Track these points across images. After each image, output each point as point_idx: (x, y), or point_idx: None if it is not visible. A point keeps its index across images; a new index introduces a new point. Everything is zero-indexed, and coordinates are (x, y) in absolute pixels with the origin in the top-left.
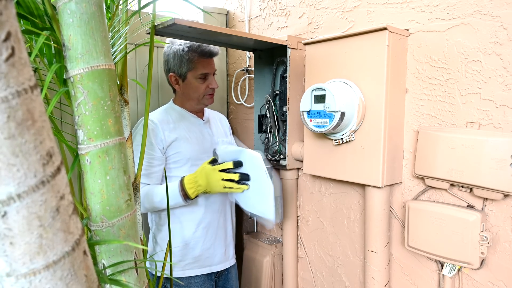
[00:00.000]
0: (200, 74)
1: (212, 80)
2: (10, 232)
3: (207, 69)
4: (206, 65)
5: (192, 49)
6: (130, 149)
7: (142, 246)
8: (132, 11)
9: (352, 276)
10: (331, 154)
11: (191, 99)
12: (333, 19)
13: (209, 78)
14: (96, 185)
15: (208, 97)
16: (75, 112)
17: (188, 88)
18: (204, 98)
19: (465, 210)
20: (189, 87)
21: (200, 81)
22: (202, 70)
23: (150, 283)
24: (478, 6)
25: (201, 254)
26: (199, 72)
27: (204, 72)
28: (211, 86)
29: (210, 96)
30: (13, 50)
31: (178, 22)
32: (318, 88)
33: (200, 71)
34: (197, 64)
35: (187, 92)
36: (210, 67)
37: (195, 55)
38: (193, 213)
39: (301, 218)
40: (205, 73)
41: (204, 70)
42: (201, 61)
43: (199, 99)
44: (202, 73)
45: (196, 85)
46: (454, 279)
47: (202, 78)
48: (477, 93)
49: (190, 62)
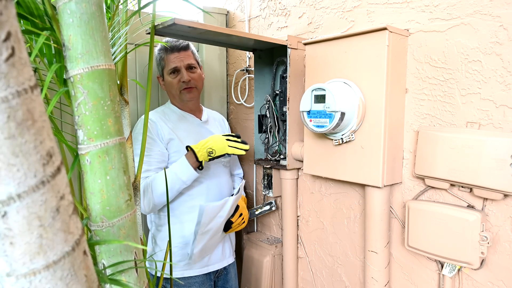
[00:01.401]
0: (169, 69)
1: (183, 73)
2: (10, 232)
3: (175, 63)
4: (174, 59)
5: (161, 48)
6: (130, 149)
7: (142, 246)
8: (132, 11)
9: (352, 276)
10: (331, 154)
11: (172, 96)
12: (333, 19)
13: (181, 72)
14: (96, 185)
15: (185, 91)
16: (75, 112)
17: (167, 86)
18: (182, 93)
19: (465, 210)
20: (167, 85)
21: (172, 76)
22: (171, 65)
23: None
24: (478, 6)
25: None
26: (168, 68)
27: (172, 67)
28: (182, 79)
29: (187, 91)
30: (13, 50)
31: (178, 22)
32: (318, 88)
33: (169, 67)
34: (166, 61)
35: (168, 90)
36: (178, 60)
37: (163, 52)
38: (193, 213)
39: (301, 218)
40: (173, 67)
41: (172, 65)
42: (169, 57)
43: (178, 95)
44: (170, 68)
45: (170, 81)
46: (454, 279)
47: (173, 73)
48: (477, 93)
49: (162, 60)
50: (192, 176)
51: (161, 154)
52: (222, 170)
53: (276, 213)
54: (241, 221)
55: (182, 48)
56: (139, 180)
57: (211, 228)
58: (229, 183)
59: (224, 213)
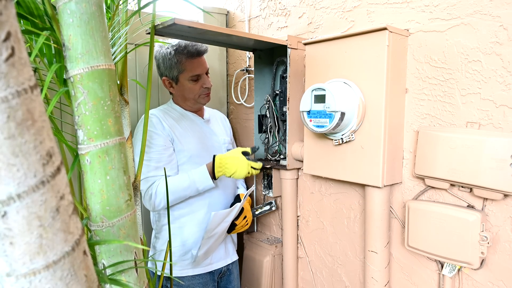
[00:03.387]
0: (191, 76)
1: (205, 79)
2: (10, 232)
3: (198, 70)
4: (196, 66)
5: (179, 51)
6: (130, 149)
7: (142, 246)
8: (132, 11)
9: (352, 276)
10: (331, 154)
11: (187, 99)
12: (333, 19)
13: (202, 78)
14: (96, 185)
15: (204, 96)
16: (75, 112)
17: (183, 90)
18: (200, 98)
19: (465, 210)
20: (183, 89)
21: (193, 83)
22: (193, 72)
23: (150, 283)
24: (478, 6)
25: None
26: (190, 74)
27: (196, 74)
28: (205, 85)
29: (206, 95)
30: (13, 50)
31: (178, 22)
32: (318, 88)
33: (191, 73)
34: (186, 66)
35: (182, 94)
36: (201, 67)
37: (183, 57)
38: (193, 213)
39: (301, 218)
40: (197, 74)
41: (195, 72)
42: (190, 62)
43: (195, 99)
44: (193, 74)
45: (190, 87)
46: (454, 279)
47: (194, 80)
48: (477, 93)
49: (179, 65)
50: (208, 187)
51: (166, 149)
52: None
53: (276, 213)
54: (245, 223)
55: (203, 52)
56: (139, 180)
57: (216, 233)
58: (233, 181)
59: (230, 218)
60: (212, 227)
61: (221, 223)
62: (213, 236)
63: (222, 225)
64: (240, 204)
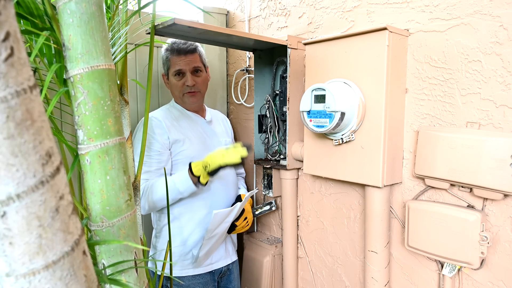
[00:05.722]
0: (174, 71)
1: (188, 78)
2: (10, 232)
3: (180, 66)
4: (180, 62)
5: (168, 48)
6: (130, 149)
7: (142, 246)
8: (132, 11)
9: (352, 276)
10: (331, 154)
11: (176, 97)
12: (333, 19)
13: (186, 76)
14: (96, 185)
15: (188, 95)
16: (75, 112)
17: (171, 86)
18: (185, 97)
19: (465, 210)
20: (171, 85)
21: (176, 78)
22: (175, 67)
23: (150, 283)
24: (478, 6)
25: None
26: (173, 69)
27: (177, 69)
28: (186, 83)
29: (191, 95)
30: (12, 50)
31: (178, 22)
32: (318, 88)
33: (174, 68)
34: (171, 62)
35: (171, 90)
36: (183, 63)
37: (169, 53)
38: (193, 213)
39: (301, 218)
40: (178, 69)
41: (177, 67)
42: (175, 59)
43: (181, 97)
44: (175, 70)
45: (174, 83)
46: (454, 279)
47: (177, 75)
48: (477, 93)
49: (168, 61)
50: (189, 189)
51: (160, 154)
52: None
53: (276, 213)
54: (245, 224)
55: (189, 51)
56: (139, 180)
57: (217, 233)
58: (234, 182)
59: (230, 218)
60: (213, 226)
61: (222, 223)
62: (214, 236)
63: (223, 225)
64: (241, 204)
